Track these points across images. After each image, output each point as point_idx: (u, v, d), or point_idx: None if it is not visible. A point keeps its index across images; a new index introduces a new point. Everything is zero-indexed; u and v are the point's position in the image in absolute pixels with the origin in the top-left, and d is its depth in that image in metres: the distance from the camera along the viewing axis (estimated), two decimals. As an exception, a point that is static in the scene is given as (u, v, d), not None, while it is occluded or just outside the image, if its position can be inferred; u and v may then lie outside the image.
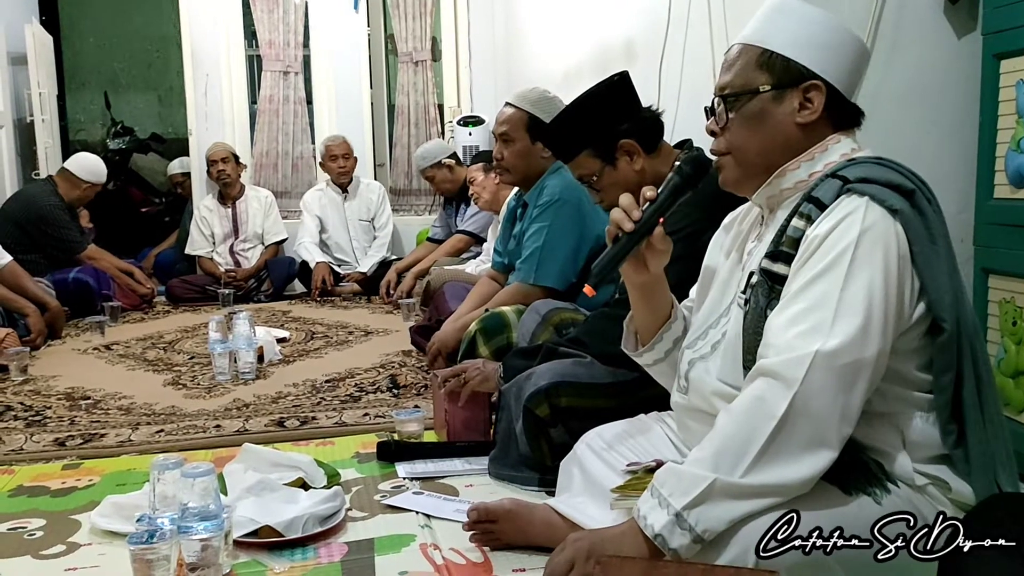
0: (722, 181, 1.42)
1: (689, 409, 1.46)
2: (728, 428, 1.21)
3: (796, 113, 1.32)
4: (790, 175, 1.34)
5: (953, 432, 1.24)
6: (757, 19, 1.37)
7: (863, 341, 1.17)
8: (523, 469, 2.01)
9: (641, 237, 1.36)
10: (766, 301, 1.28)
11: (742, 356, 1.32)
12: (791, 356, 1.17)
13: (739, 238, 1.48)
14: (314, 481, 2.00)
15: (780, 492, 1.17)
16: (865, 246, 1.19)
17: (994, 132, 2.09)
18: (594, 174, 2.02)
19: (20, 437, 2.56)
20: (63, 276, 4.57)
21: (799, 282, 1.22)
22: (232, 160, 5.48)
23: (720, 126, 1.38)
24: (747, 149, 1.35)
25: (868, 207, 1.21)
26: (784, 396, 1.16)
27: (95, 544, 1.79)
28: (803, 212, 1.26)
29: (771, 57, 1.32)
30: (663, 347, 1.55)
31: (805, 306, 1.20)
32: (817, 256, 1.21)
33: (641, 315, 1.55)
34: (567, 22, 4.43)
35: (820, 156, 1.33)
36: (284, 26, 5.92)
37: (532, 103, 2.77)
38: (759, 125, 1.34)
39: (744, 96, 1.34)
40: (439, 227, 5.07)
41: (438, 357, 2.91)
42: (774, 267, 1.28)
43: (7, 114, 5.50)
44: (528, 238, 2.81)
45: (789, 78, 1.32)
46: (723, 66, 1.40)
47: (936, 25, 2.30)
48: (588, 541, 1.28)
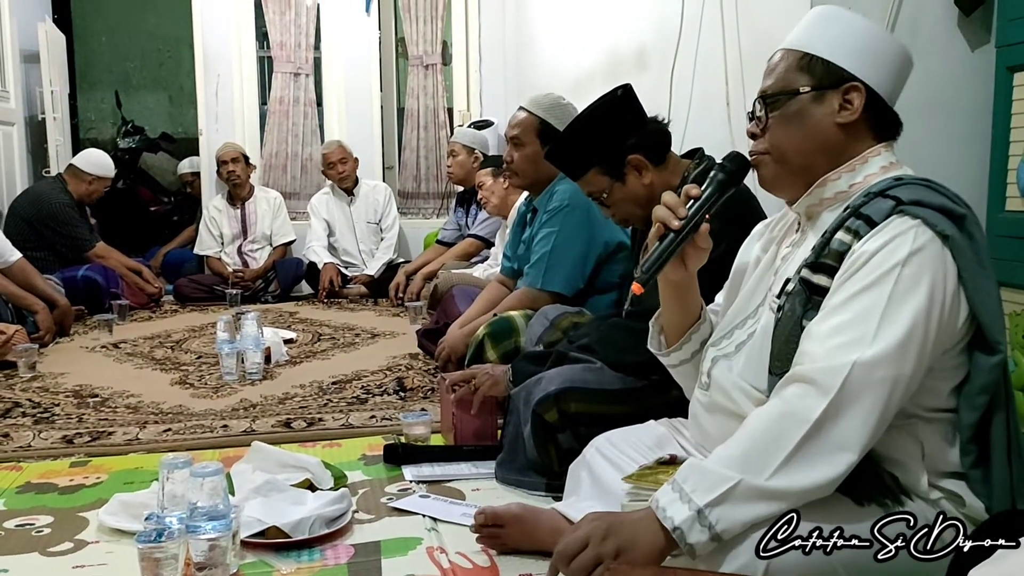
0: (760, 180, 1.42)
1: (709, 406, 1.46)
2: (758, 430, 1.21)
3: (836, 114, 1.33)
4: (831, 185, 1.34)
5: (973, 452, 1.24)
6: (800, 26, 1.39)
7: (901, 357, 1.17)
8: (530, 474, 2.01)
9: (688, 235, 1.35)
10: (802, 310, 1.28)
11: (769, 360, 1.32)
12: (829, 365, 1.18)
13: (771, 243, 1.49)
14: (321, 483, 2.00)
15: (801, 497, 1.18)
16: (914, 267, 1.19)
17: (1006, 144, 2.09)
18: (604, 191, 2.01)
19: (28, 434, 2.57)
20: (72, 274, 4.59)
21: (843, 295, 1.22)
22: (242, 161, 5.50)
23: (760, 128, 1.38)
24: (786, 148, 1.36)
25: (919, 230, 1.20)
26: (819, 403, 1.17)
27: (103, 542, 1.79)
28: (850, 227, 1.25)
29: (812, 60, 1.34)
30: (691, 348, 1.54)
31: (847, 318, 1.20)
32: (864, 271, 1.21)
33: (671, 315, 1.54)
34: (578, 27, 4.43)
35: (860, 168, 1.33)
36: (295, 28, 5.94)
37: (545, 109, 2.78)
38: (798, 124, 1.34)
39: (784, 96, 1.35)
40: (449, 230, 5.07)
41: (449, 362, 2.92)
42: (814, 278, 1.27)
43: (19, 112, 5.52)
44: (537, 243, 2.82)
45: (829, 80, 1.33)
46: (765, 72, 1.42)
47: (950, 37, 2.30)
48: (606, 522, 1.26)
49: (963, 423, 1.24)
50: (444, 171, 5.93)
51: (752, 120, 1.41)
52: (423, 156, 6.25)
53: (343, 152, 5.42)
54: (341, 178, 5.43)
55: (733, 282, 1.55)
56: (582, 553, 1.22)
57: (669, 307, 1.53)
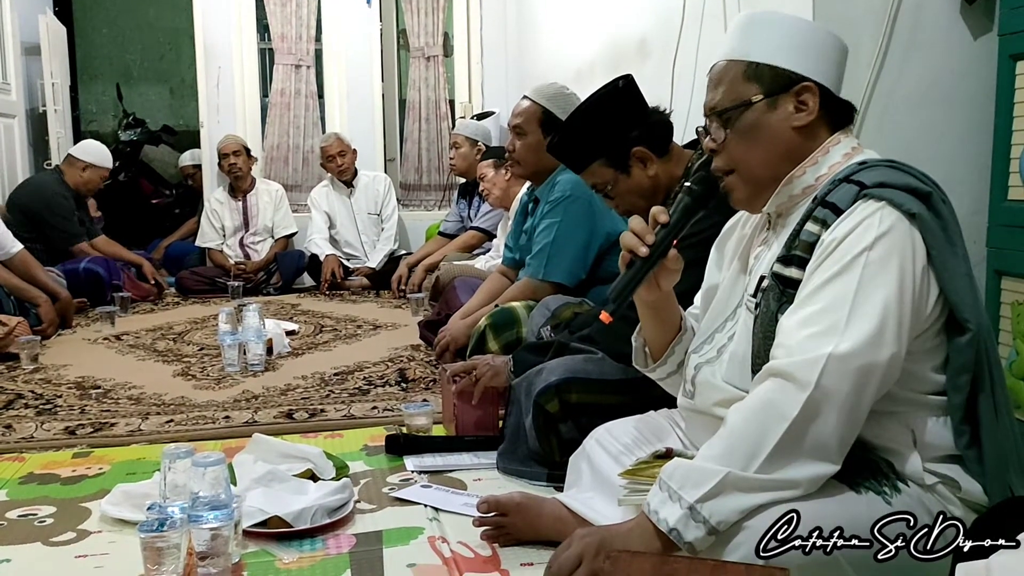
0: (734, 202, 1.41)
1: (695, 412, 1.46)
2: (739, 426, 1.21)
3: (792, 117, 1.32)
4: (797, 182, 1.34)
5: (966, 433, 1.23)
6: (733, 36, 1.38)
7: (877, 344, 1.17)
8: (532, 464, 2.02)
9: (656, 261, 1.35)
10: (777, 305, 1.28)
11: (751, 359, 1.32)
12: (804, 358, 1.18)
13: (742, 242, 1.48)
14: (323, 473, 2.00)
15: (792, 486, 1.18)
16: (881, 250, 1.19)
17: (1009, 134, 2.08)
18: (608, 183, 2.01)
19: (31, 425, 2.57)
20: (74, 266, 4.58)
21: (813, 284, 1.22)
22: (243, 153, 5.49)
23: (719, 143, 1.37)
24: (749, 162, 1.35)
25: (885, 211, 1.20)
26: (797, 398, 1.17)
27: (105, 532, 1.80)
28: (818, 217, 1.25)
29: (757, 68, 1.33)
30: (675, 360, 1.54)
31: (819, 308, 1.20)
32: (832, 259, 1.21)
33: (651, 332, 1.54)
34: (580, 18, 4.42)
35: (823, 159, 1.33)
36: (297, 20, 5.93)
37: (549, 98, 2.77)
38: (757, 136, 1.33)
39: (737, 110, 1.34)
40: (451, 221, 5.06)
41: (447, 351, 2.92)
42: (786, 271, 1.27)
43: (20, 104, 5.53)
44: (539, 234, 2.82)
45: (779, 85, 1.32)
46: (708, 85, 1.40)
47: (952, 26, 2.29)
48: (597, 537, 1.28)
49: (952, 404, 1.24)
50: (446, 163, 5.92)
51: (706, 136, 1.40)
52: (424, 148, 6.24)
53: (342, 145, 5.41)
54: (340, 171, 5.43)
55: (707, 286, 1.54)
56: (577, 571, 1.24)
57: (648, 325, 1.53)
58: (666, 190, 1.98)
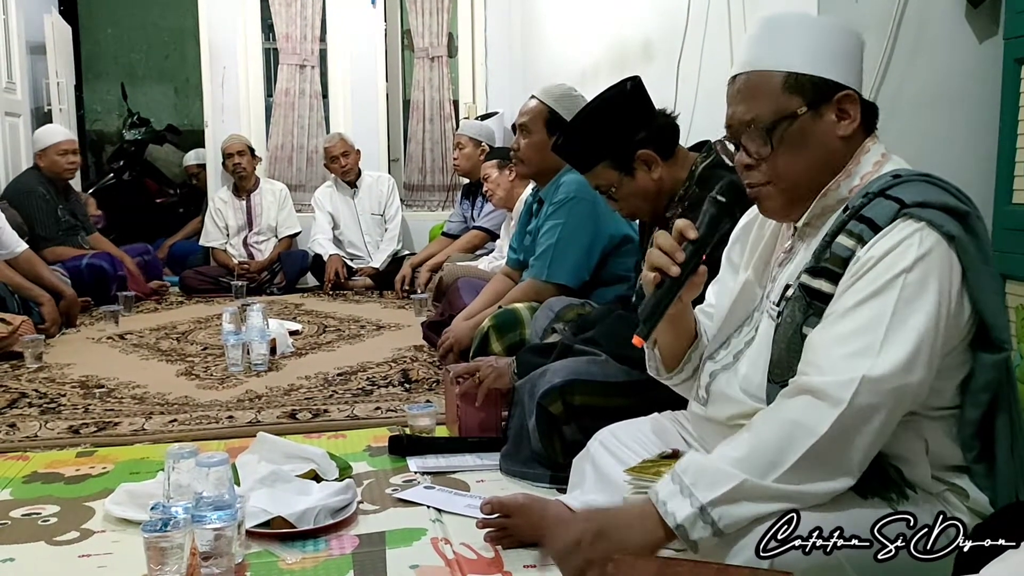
0: (765, 211, 1.38)
1: (707, 420, 1.45)
2: (764, 434, 1.20)
3: (837, 126, 1.29)
4: (832, 194, 1.31)
5: (975, 448, 1.23)
6: (757, 43, 1.33)
7: (910, 369, 1.16)
8: (535, 466, 2.02)
9: (687, 279, 1.31)
10: (803, 317, 1.25)
11: (768, 367, 1.30)
12: (838, 378, 1.16)
13: (759, 242, 1.46)
14: (326, 473, 2.01)
15: (804, 499, 1.17)
16: (919, 273, 1.17)
17: (1014, 137, 2.08)
18: (612, 185, 2.00)
19: (34, 424, 2.58)
20: (76, 263, 4.57)
21: (848, 302, 1.20)
22: (248, 153, 5.50)
23: (761, 158, 1.31)
24: (794, 174, 1.31)
25: (925, 232, 1.18)
26: (829, 415, 1.15)
27: (109, 531, 1.80)
28: (853, 231, 1.22)
29: (797, 78, 1.29)
30: (691, 367, 1.52)
31: (854, 327, 1.18)
32: (869, 278, 1.19)
33: (667, 341, 1.51)
34: (584, 19, 4.42)
35: (855, 170, 1.31)
36: (301, 20, 5.94)
37: (555, 98, 2.77)
38: (804, 147, 1.30)
39: (783, 123, 1.29)
40: (455, 221, 5.07)
41: (450, 352, 2.92)
42: (814, 283, 1.25)
43: (25, 103, 5.53)
44: (543, 235, 2.82)
45: (821, 95, 1.28)
46: (735, 98, 1.34)
47: (957, 29, 2.28)
48: (597, 523, 1.26)
49: (966, 419, 1.23)
50: (450, 163, 5.92)
51: (738, 151, 1.34)
52: (428, 148, 6.24)
53: (345, 145, 5.42)
54: (344, 171, 5.44)
55: (724, 288, 1.52)
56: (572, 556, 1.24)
57: (664, 335, 1.50)
58: (670, 193, 1.98)
